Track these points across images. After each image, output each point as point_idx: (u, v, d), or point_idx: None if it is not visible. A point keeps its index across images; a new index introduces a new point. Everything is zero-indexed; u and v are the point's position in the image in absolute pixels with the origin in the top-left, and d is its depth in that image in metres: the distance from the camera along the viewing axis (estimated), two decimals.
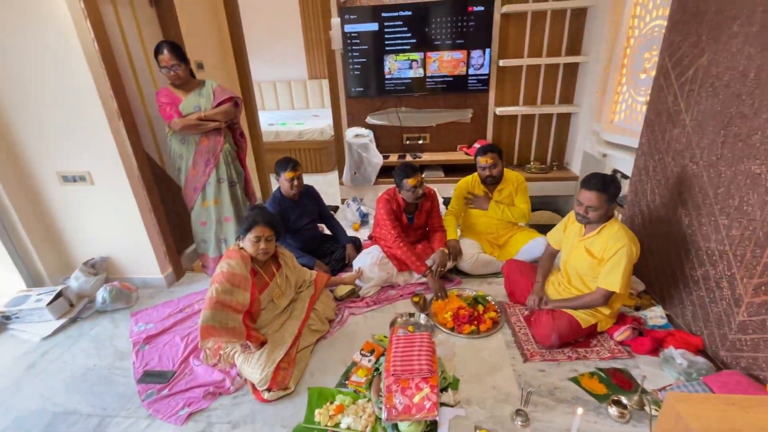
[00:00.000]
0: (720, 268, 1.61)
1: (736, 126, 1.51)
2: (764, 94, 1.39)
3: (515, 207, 2.38)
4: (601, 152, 2.78)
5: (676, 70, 1.86)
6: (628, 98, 2.65)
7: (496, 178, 2.33)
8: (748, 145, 1.46)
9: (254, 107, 3.37)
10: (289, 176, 2.25)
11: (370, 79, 3.20)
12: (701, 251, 1.71)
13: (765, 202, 1.39)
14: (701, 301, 1.72)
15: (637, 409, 1.45)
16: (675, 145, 1.86)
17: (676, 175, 1.86)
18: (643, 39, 2.46)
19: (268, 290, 1.79)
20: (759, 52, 1.41)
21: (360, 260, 2.34)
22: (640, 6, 2.50)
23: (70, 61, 1.89)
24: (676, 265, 1.87)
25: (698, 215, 1.72)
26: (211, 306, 1.54)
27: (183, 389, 1.67)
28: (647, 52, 2.41)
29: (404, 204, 2.29)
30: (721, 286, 1.60)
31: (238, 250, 1.71)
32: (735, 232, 1.53)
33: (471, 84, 3.14)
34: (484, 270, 2.39)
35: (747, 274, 1.47)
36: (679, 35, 1.83)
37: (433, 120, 3.37)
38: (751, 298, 1.46)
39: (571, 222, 1.92)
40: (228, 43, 3.11)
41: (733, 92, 1.53)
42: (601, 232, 1.74)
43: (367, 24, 3.02)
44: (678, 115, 1.85)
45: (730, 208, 1.55)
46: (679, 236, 1.84)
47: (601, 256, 1.73)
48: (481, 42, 3.00)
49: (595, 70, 2.86)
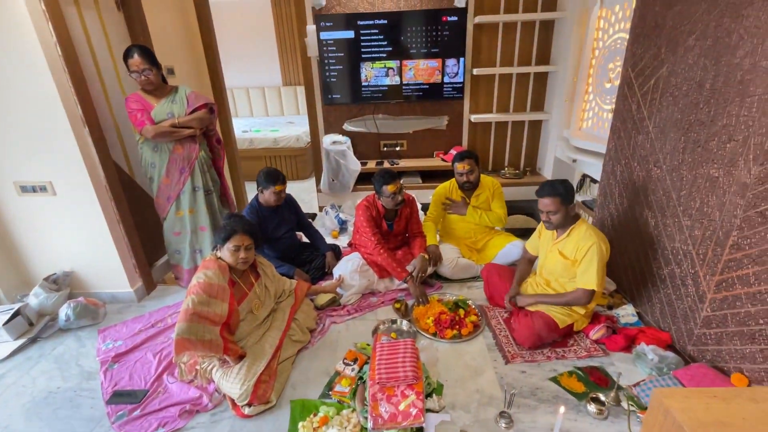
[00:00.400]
0: (684, 266, 1.70)
1: (695, 132, 1.61)
2: (719, 102, 1.49)
3: (492, 212, 2.43)
4: (571, 157, 2.89)
5: (639, 80, 1.97)
6: (595, 106, 2.78)
7: (473, 183, 2.37)
8: (707, 150, 1.56)
9: (227, 114, 3.29)
10: (279, 189, 2.21)
11: (346, 87, 3.20)
12: (667, 251, 1.80)
13: (723, 204, 1.49)
14: (668, 298, 1.81)
15: (614, 405, 1.50)
16: (640, 150, 1.97)
17: (642, 179, 1.96)
18: (607, 50, 2.60)
19: (247, 301, 1.73)
20: (713, 64, 1.51)
21: (340, 268, 2.31)
22: (603, 19, 2.63)
23: (30, 65, 1.79)
24: (645, 264, 1.96)
25: (663, 217, 1.82)
26: (186, 318, 1.48)
27: (157, 409, 1.59)
28: (611, 63, 2.54)
29: (384, 210, 2.29)
30: (686, 283, 1.70)
31: (215, 260, 1.66)
32: (697, 233, 1.62)
33: (446, 92, 3.21)
34: (463, 274, 2.42)
35: (709, 271, 1.57)
36: (641, 47, 1.94)
37: (409, 127, 3.40)
38: (713, 294, 1.55)
39: (544, 229, 1.99)
40: (200, 49, 3.04)
41: (691, 101, 1.63)
42: (571, 234, 1.81)
43: (343, 31, 3.03)
44: (642, 122, 1.95)
45: (692, 210, 1.64)
46: (646, 237, 1.94)
47: (573, 257, 1.79)
48: (455, 51, 3.07)
49: (563, 79, 2.98)
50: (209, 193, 2.34)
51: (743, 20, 1.38)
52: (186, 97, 2.15)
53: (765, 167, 1.31)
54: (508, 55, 3.16)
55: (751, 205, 1.37)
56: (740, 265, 1.42)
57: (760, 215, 1.34)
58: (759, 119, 1.33)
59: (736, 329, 1.46)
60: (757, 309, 1.37)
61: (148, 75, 2.02)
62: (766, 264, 1.33)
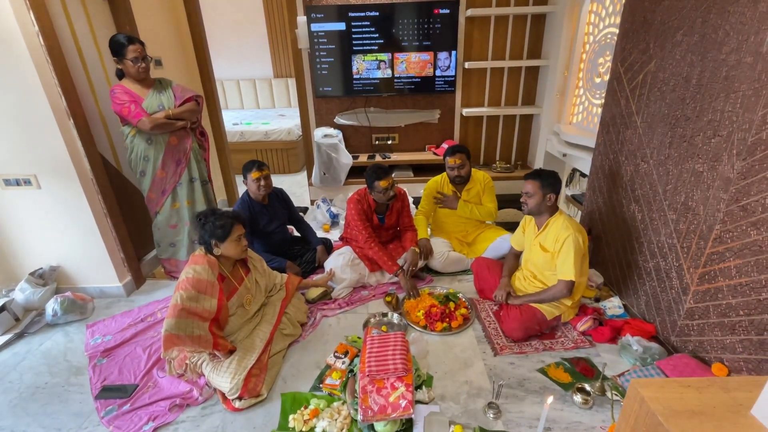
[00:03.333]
0: (669, 259, 1.73)
1: (681, 127, 1.64)
2: (705, 98, 1.51)
3: (483, 206, 2.45)
4: (562, 152, 2.91)
5: (628, 75, 1.98)
6: (585, 101, 2.79)
7: (464, 178, 2.38)
8: (692, 145, 1.58)
9: (217, 106, 3.25)
10: (255, 176, 2.20)
11: (338, 79, 3.18)
12: (653, 244, 1.83)
13: (707, 198, 1.52)
14: (653, 290, 1.85)
15: (599, 395, 1.53)
16: (628, 145, 1.99)
17: (630, 173, 1.98)
18: (597, 45, 2.61)
19: (238, 295, 1.73)
20: (700, 60, 1.53)
21: (331, 262, 2.32)
22: (594, 14, 2.64)
23: (11, 55, 1.74)
24: (631, 257, 2.00)
25: (650, 211, 1.85)
26: (175, 314, 1.47)
27: (147, 403, 1.58)
28: (601, 58, 2.55)
29: (375, 204, 2.29)
30: (670, 276, 1.73)
31: (204, 255, 1.65)
32: (682, 227, 1.65)
33: (438, 85, 3.20)
34: (454, 268, 2.44)
35: (693, 264, 1.60)
36: (630, 42, 1.95)
37: (401, 120, 3.39)
38: (696, 286, 1.59)
39: (527, 224, 2.02)
40: (188, 40, 2.99)
41: (678, 96, 1.65)
42: (549, 226, 1.85)
43: (334, 23, 3.00)
44: (630, 117, 1.97)
45: (678, 204, 1.67)
46: (633, 230, 1.97)
47: (553, 249, 1.82)
48: (447, 44, 3.06)
49: (554, 74, 2.99)
50: (205, 183, 2.35)
51: (729, 16, 1.39)
52: (172, 89, 2.12)
53: (747, 162, 1.34)
54: (500, 49, 3.16)
55: (734, 199, 1.40)
56: (723, 258, 1.46)
57: (742, 209, 1.37)
58: (743, 115, 1.35)
59: (718, 320, 1.50)
60: (737, 301, 1.41)
61: (148, 62, 2.02)
62: (747, 257, 1.36)
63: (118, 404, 1.58)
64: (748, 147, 1.33)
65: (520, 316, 1.82)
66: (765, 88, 1.27)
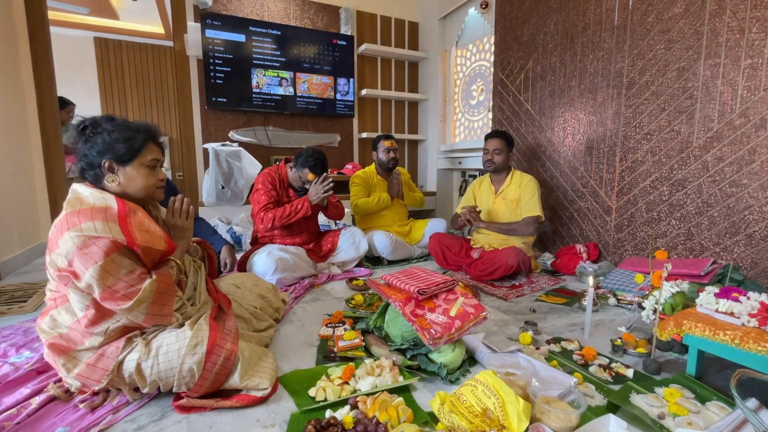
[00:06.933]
0: (588, 197, 2.11)
1: (566, 96, 2.18)
2: (573, 75, 2.10)
3: (414, 193, 2.53)
4: (458, 160, 3.32)
5: (510, 78, 2.56)
6: (465, 121, 3.38)
7: (397, 161, 2.44)
8: (573, 105, 2.12)
9: None
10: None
11: (235, 90, 2.92)
12: (569, 192, 2.22)
13: (605, 132, 1.99)
14: (587, 227, 2.18)
15: (603, 302, 1.61)
16: (525, 125, 2.47)
17: (532, 145, 2.43)
18: (468, 77, 3.29)
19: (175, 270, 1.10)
20: (564, 49, 2.14)
21: (263, 262, 1.77)
22: (460, 57, 3.38)
23: None
24: (562, 209, 2.34)
25: (557, 166, 2.27)
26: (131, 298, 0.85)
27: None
28: (474, 84, 3.21)
29: (288, 181, 2.00)
30: (592, 209, 2.09)
31: (90, 206, 0.92)
32: (589, 166, 2.08)
33: (339, 108, 3.32)
34: (402, 252, 2.31)
35: (609, 188, 2.00)
36: (507, 55, 2.57)
37: (303, 141, 3.28)
38: (617, 203, 1.97)
39: (479, 187, 2.18)
40: None
41: (555, 78, 2.22)
42: (510, 180, 2.05)
43: (233, 33, 2.85)
44: (521, 106, 2.49)
45: (578, 152, 2.13)
46: (554, 188, 2.34)
47: (517, 196, 1.99)
48: (346, 71, 3.29)
49: (435, 105, 3.55)
50: None
51: (580, 31, 2.05)
52: None
53: (629, 94, 1.86)
54: (387, 83, 3.60)
55: (625, 123, 1.88)
56: (633, 169, 1.88)
57: (634, 128, 1.86)
58: (614, 66, 1.92)
59: (644, 219, 1.86)
60: (654, 195, 1.81)
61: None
62: (648, 162, 1.81)
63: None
64: (626, 84, 1.87)
65: (498, 254, 1.84)
66: (618, 51, 1.86)
